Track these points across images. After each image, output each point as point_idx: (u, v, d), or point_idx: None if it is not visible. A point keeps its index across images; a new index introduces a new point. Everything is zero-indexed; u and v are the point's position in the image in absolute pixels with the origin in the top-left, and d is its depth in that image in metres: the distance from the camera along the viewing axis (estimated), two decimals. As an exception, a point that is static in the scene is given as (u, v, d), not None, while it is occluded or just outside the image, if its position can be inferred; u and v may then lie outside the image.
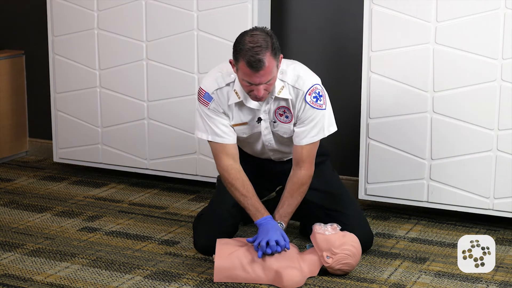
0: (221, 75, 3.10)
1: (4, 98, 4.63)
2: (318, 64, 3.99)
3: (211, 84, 3.10)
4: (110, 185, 4.26)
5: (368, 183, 3.76)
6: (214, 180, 3.90)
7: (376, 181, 3.75)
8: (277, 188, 3.51)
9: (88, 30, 4.23)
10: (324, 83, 3.18)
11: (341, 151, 3.99)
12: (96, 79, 4.26)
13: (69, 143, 4.41)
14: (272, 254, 3.00)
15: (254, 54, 2.87)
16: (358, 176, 3.85)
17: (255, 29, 2.96)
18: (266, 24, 3.93)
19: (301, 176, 3.15)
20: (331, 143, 3.40)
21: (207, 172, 4.07)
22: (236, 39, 2.96)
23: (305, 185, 3.17)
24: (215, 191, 3.42)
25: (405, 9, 3.55)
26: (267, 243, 2.99)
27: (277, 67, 2.96)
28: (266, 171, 3.34)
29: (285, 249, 3.02)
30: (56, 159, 4.47)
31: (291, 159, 3.26)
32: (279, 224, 3.13)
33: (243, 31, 3.00)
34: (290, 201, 3.17)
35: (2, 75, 4.60)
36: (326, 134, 3.14)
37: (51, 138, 4.66)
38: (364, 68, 3.67)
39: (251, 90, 2.96)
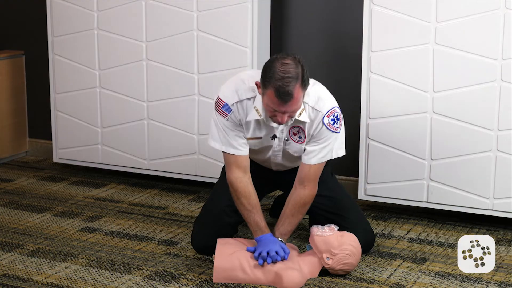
0: (244, 88, 3.06)
1: (4, 98, 4.63)
2: (318, 64, 3.99)
3: (232, 96, 3.07)
4: (110, 185, 4.26)
5: (368, 183, 3.76)
6: (214, 181, 3.89)
7: (376, 181, 3.74)
8: (272, 192, 3.51)
9: (88, 30, 4.23)
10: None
11: (341, 151, 3.99)
12: (96, 79, 4.26)
13: (69, 144, 4.41)
14: (272, 263, 3.01)
15: (284, 85, 2.84)
16: (358, 177, 3.85)
17: (286, 56, 2.91)
18: (266, 24, 3.93)
19: (304, 196, 3.15)
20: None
21: (207, 172, 4.07)
22: (266, 64, 2.92)
23: (307, 205, 3.17)
24: (213, 188, 3.42)
25: (405, 9, 3.55)
26: (268, 254, 3.00)
27: (303, 96, 2.95)
28: (264, 177, 3.34)
29: (283, 258, 3.02)
30: (56, 159, 4.47)
31: (289, 169, 3.26)
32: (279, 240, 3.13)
33: (274, 56, 2.95)
34: (290, 220, 3.17)
35: (2, 75, 4.60)
36: (333, 156, 3.15)
37: (51, 138, 4.66)
38: (364, 68, 3.67)
39: (274, 115, 2.95)
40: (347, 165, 4.02)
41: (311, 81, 3.08)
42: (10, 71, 4.65)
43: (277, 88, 2.85)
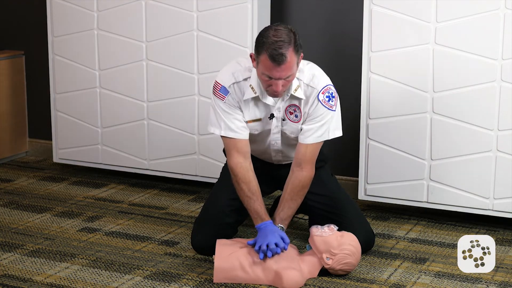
0: (240, 69, 3.11)
1: (4, 98, 4.63)
2: (318, 64, 3.97)
3: (228, 78, 3.11)
4: (110, 185, 4.26)
5: (368, 183, 3.76)
6: (214, 181, 3.89)
7: (376, 181, 3.74)
8: (273, 193, 3.51)
9: (88, 31, 4.23)
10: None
11: (341, 152, 3.99)
12: (96, 79, 4.26)
13: (69, 144, 4.41)
14: (272, 256, 3.01)
15: (277, 47, 2.89)
16: (358, 177, 3.85)
17: (279, 24, 2.99)
18: (266, 24, 3.93)
19: (302, 178, 3.15)
20: (331, 144, 3.39)
21: (207, 172, 4.07)
22: (260, 33, 2.99)
23: (306, 188, 3.17)
24: (213, 188, 3.42)
25: (405, 10, 3.55)
26: (267, 246, 3.00)
27: (297, 64, 2.99)
28: (264, 174, 3.34)
29: (283, 249, 3.02)
30: (56, 159, 4.48)
31: (290, 163, 3.27)
32: (279, 227, 3.13)
33: (266, 26, 3.03)
34: (290, 203, 3.17)
35: (2, 75, 4.60)
36: (330, 136, 3.16)
37: (51, 139, 4.66)
38: (364, 68, 3.67)
39: (269, 85, 2.98)
40: (347, 165, 4.03)
41: (306, 61, 3.14)
42: (10, 71, 4.65)
43: (271, 51, 2.89)
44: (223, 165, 3.55)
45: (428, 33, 3.53)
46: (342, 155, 4.01)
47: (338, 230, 3.10)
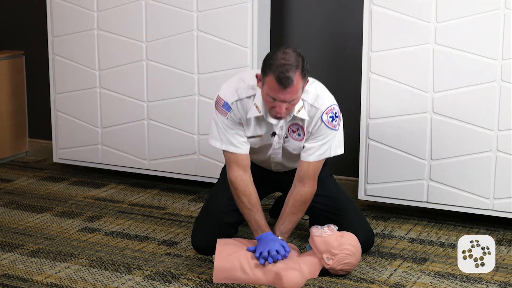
0: (243, 86, 3.10)
1: (4, 98, 4.63)
2: (318, 64, 3.99)
3: (231, 94, 3.09)
4: (110, 185, 4.26)
5: (368, 183, 3.76)
6: (214, 181, 3.90)
7: (376, 181, 3.74)
8: (273, 194, 3.51)
9: (88, 31, 4.23)
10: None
11: (341, 151, 3.99)
12: (96, 80, 4.26)
13: (69, 144, 4.41)
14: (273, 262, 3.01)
15: (284, 71, 2.88)
16: (358, 177, 3.85)
17: (287, 47, 2.97)
18: (266, 24, 3.93)
19: (304, 193, 3.15)
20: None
21: (207, 172, 4.07)
22: (268, 54, 2.98)
23: (307, 203, 3.18)
24: (213, 188, 3.43)
25: (405, 9, 3.55)
26: (268, 253, 3.00)
27: (303, 88, 2.97)
28: (263, 179, 3.34)
29: (284, 257, 3.02)
30: (56, 159, 4.47)
31: (288, 171, 3.27)
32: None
33: (275, 48, 3.01)
34: (291, 218, 3.18)
35: (2, 75, 4.60)
36: (332, 154, 3.16)
37: (51, 139, 4.66)
38: (364, 68, 3.67)
39: (272, 107, 2.97)
40: (347, 165, 4.03)
41: (310, 79, 3.11)
42: (10, 71, 4.65)
43: (278, 74, 2.88)
44: (223, 165, 3.56)
45: (428, 33, 3.53)
46: (342, 155, 4.00)
47: (338, 230, 3.11)
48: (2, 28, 4.77)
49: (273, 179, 3.37)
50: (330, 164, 3.50)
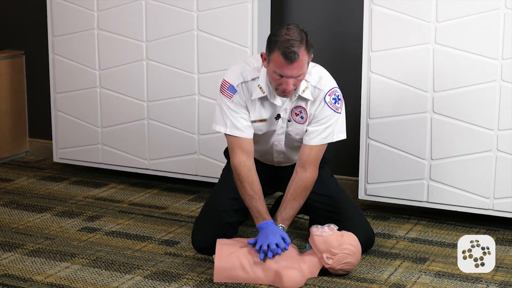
0: (248, 69, 3.12)
1: (4, 98, 4.63)
2: (318, 63, 3.98)
3: (237, 77, 3.12)
4: (110, 185, 4.26)
5: (368, 183, 3.76)
6: (214, 181, 3.90)
7: (376, 181, 3.75)
8: (274, 193, 3.51)
9: (88, 30, 4.23)
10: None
11: (341, 151, 3.99)
12: (96, 79, 4.26)
13: (69, 143, 4.41)
14: (273, 256, 3.01)
15: (290, 46, 2.91)
16: (358, 176, 3.85)
17: (291, 23, 3.01)
18: (266, 24, 3.93)
19: (305, 179, 3.16)
20: (331, 143, 3.39)
21: (207, 172, 4.07)
22: (271, 32, 3.02)
23: (308, 189, 3.18)
24: (213, 187, 3.43)
25: (405, 9, 3.55)
26: (268, 247, 3.00)
27: (308, 64, 3.01)
28: (265, 176, 3.34)
29: (284, 250, 3.02)
30: (56, 159, 4.48)
31: (290, 165, 3.27)
32: (280, 227, 3.13)
33: (277, 25, 3.05)
34: (292, 204, 3.18)
35: (2, 75, 4.60)
36: (335, 139, 3.17)
37: (51, 138, 4.66)
38: (364, 68, 3.67)
39: (279, 84, 2.99)
40: (347, 165, 4.03)
41: (312, 63, 3.14)
42: (10, 71, 4.65)
43: (284, 49, 2.91)
44: (223, 165, 3.56)
45: (428, 32, 3.53)
46: (342, 155, 4.01)
47: (338, 229, 3.11)
48: (2, 28, 4.77)
49: (274, 176, 3.36)
50: (331, 164, 3.50)
